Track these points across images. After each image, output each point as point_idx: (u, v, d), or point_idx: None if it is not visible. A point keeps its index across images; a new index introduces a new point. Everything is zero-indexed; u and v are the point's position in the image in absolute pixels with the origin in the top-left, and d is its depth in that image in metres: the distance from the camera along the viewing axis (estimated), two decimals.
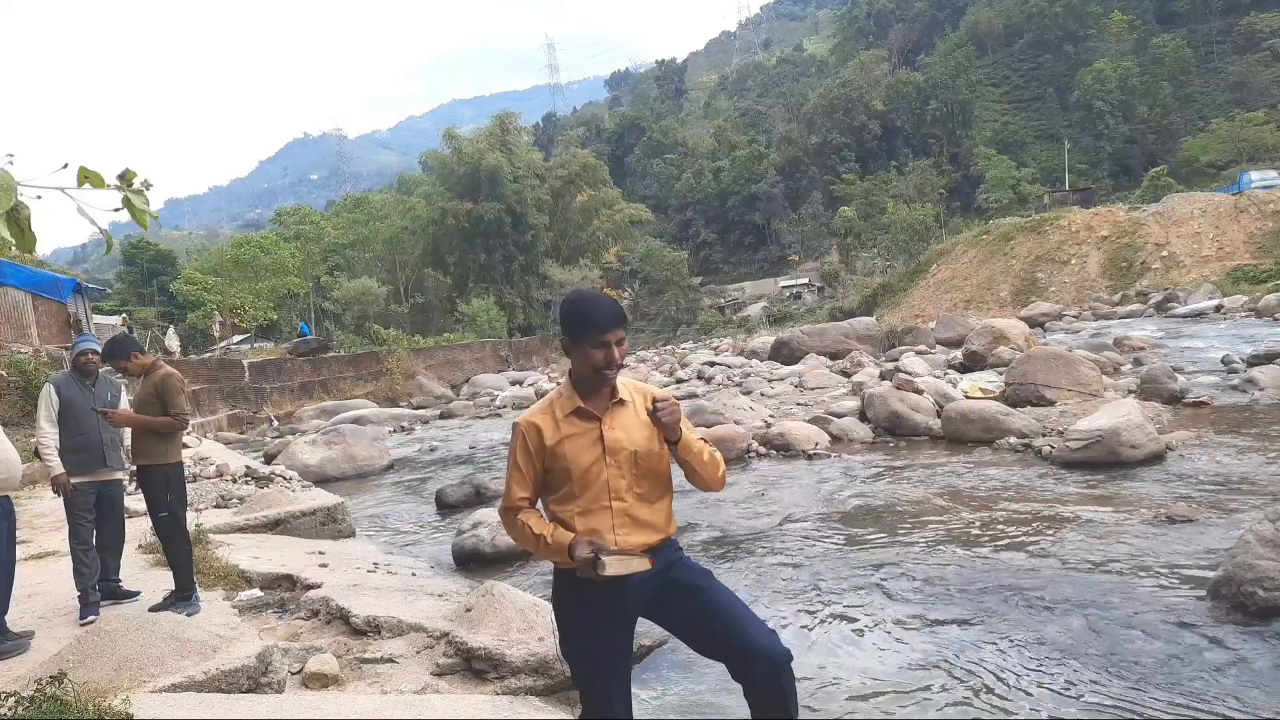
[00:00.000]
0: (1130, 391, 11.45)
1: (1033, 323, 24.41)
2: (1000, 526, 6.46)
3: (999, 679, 3.90)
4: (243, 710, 3.31)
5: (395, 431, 19.30)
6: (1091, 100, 66.09)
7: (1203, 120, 64.97)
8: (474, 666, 4.04)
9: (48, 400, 4.77)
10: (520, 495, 2.43)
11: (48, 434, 4.72)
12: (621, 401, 2.47)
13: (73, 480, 4.73)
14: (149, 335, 33.21)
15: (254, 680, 3.66)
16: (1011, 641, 4.28)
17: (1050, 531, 6.18)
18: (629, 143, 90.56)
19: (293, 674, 3.93)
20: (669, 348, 40.81)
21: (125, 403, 5.04)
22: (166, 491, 4.78)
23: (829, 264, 56.21)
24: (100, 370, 5.13)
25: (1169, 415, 10.25)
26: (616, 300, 2.51)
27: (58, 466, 4.69)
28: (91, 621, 4.42)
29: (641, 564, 2.35)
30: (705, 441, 2.56)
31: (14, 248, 1.56)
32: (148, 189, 1.65)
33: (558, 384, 2.57)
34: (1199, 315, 23.44)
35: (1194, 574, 4.96)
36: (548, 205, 51.42)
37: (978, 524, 6.60)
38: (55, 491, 4.76)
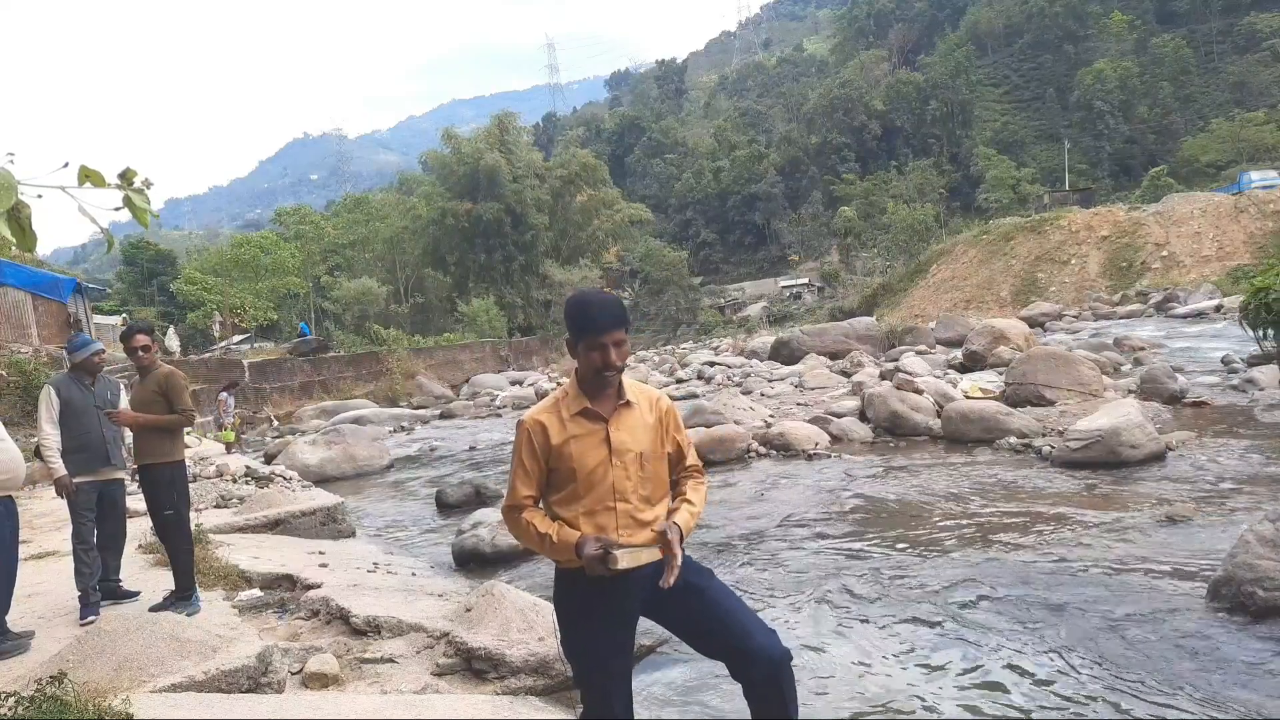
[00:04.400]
0: (1130, 391, 11.45)
1: (1033, 323, 24.42)
2: (1000, 526, 6.46)
3: (998, 679, 3.90)
4: (243, 710, 3.31)
5: (395, 431, 19.29)
6: (1091, 100, 66.06)
7: (1203, 120, 64.92)
8: (474, 666, 4.04)
9: (48, 401, 4.76)
10: (525, 494, 2.43)
11: (50, 435, 4.70)
12: (628, 403, 2.47)
13: (75, 480, 4.73)
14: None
15: (254, 680, 3.66)
16: (1010, 641, 4.28)
17: (1050, 531, 6.17)
18: (629, 143, 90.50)
19: (293, 674, 3.93)
20: (669, 348, 40.81)
21: (124, 402, 5.04)
22: (173, 490, 4.79)
23: (829, 264, 56.20)
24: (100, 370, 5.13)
25: (1169, 415, 10.25)
26: (620, 301, 2.50)
27: (60, 468, 4.68)
28: (91, 621, 4.42)
29: (652, 554, 2.36)
30: (691, 500, 2.56)
31: (14, 247, 1.56)
32: (148, 188, 1.65)
33: (559, 384, 2.57)
34: (1199, 315, 23.43)
35: (1194, 574, 4.96)
36: (548, 205, 51.36)
37: (977, 524, 6.60)
38: (58, 493, 4.76)
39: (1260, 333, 8.93)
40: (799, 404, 13.76)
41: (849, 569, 5.76)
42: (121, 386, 5.28)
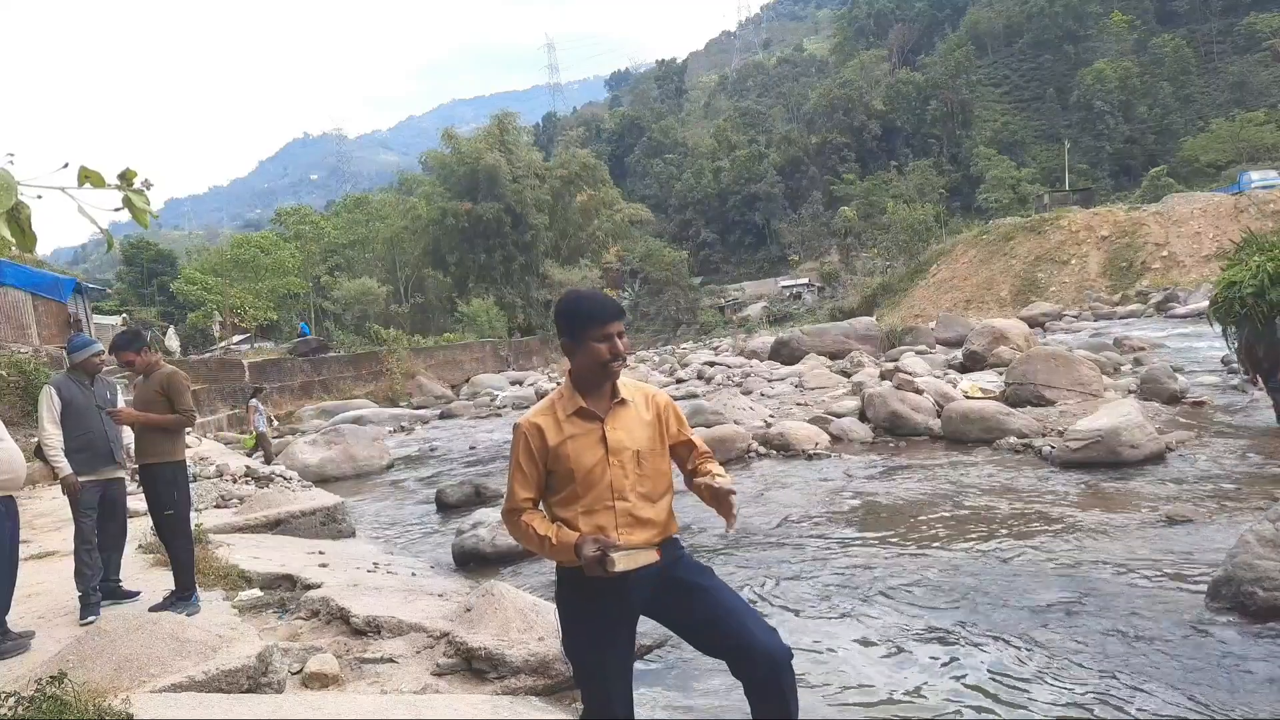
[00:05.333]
0: (1130, 391, 11.45)
1: (1033, 323, 24.41)
2: (1000, 527, 6.46)
3: (997, 679, 3.90)
4: (243, 710, 3.31)
5: (395, 431, 19.30)
6: (1091, 100, 66.09)
7: (1203, 120, 64.95)
8: (474, 666, 4.04)
9: (49, 402, 4.75)
10: (523, 496, 2.43)
11: (53, 435, 4.68)
12: (623, 401, 2.48)
13: (79, 480, 4.72)
14: (149, 335, 33.21)
15: (254, 680, 3.66)
16: (1010, 642, 4.28)
17: (1050, 532, 6.17)
18: (629, 143, 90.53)
19: (293, 674, 3.93)
20: (669, 348, 40.81)
21: (122, 403, 5.04)
22: (174, 489, 4.79)
23: (829, 264, 56.19)
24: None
25: (1169, 415, 10.25)
26: (611, 296, 2.53)
27: (66, 467, 4.67)
28: (92, 622, 4.41)
29: (649, 556, 2.37)
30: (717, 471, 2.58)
31: (14, 247, 1.56)
32: (148, 188, 1.65)
33: (558, 384, 2.57)
34: (1199, 315, 23.40)
35: (1194, 574, 4.96)
36: (547, 205, 51.40)
37: (977, 524, 6.60)
38: (65, 493, 4.75)
39: (1224, 329, 8.72)
40: (799, 404, 13.75)
41: (848, 569, 5.76)
42: (119, 387, 5.28)
